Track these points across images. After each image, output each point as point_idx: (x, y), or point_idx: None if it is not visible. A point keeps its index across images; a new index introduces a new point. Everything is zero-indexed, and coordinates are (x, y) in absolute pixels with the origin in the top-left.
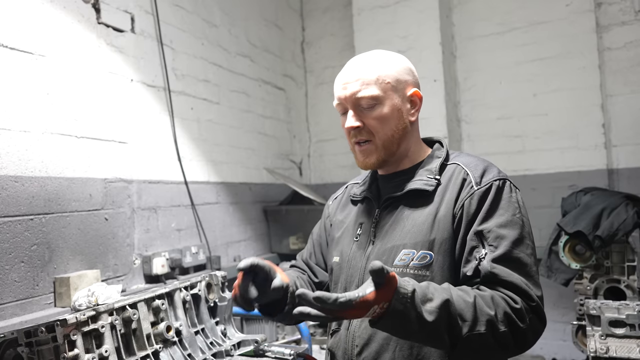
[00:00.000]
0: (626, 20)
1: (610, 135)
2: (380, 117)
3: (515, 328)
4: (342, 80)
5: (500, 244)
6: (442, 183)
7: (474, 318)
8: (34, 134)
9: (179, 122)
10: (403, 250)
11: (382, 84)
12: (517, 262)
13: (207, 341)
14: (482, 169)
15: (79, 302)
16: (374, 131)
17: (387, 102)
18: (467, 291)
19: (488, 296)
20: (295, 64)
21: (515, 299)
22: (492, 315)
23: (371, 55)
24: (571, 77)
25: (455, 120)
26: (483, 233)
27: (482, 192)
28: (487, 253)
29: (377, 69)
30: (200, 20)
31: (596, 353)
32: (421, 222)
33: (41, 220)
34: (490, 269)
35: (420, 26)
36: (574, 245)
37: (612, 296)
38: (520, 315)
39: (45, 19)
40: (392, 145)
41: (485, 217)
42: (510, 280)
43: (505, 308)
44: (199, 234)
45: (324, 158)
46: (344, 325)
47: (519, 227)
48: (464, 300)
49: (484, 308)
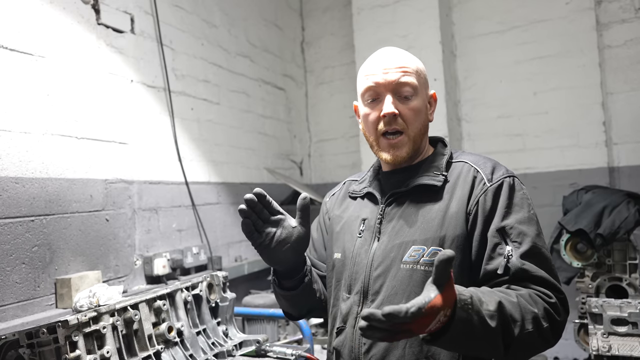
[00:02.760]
0: (626, 17)
1: (611, 133)
2: (416, 109)
3: (554, 322)
4: (382, 65)
5: (524, 240)
6: (450, 180)
7: (522, 318)
8: (34, 135)
9: (179, 123)
10: (413, 247)
11: (420, 76)
12: (540, 257)
13: (209, 341)
14: (491, 166)
15: (80, 303)
16: (409, 122)
17: (420, 96)
18: (507, 292)
19: (526, 294)
20: (295, 63)
21: (549, 294)
22: (536, 312)
23: (404, 50)
24: (571, 75)
25: (455, 119)
26: (505, 230)
27: (495, 188)
28: (512, 249)
29: (415, 62)
30: (199, 20)
31: (598, 351)
32: (431, 218)
33: (42, 222)
34: (520, 266)
35: (420, 25)
36: (575, 244)
37: (614, 294)
38: (556, 309)
39: (45, 20)
40: (419, 140)
41: (505, 214)
42: (540, 275)
43: (543, 304)
44: (200, 235)
45: (325, 158)
46: (350, 322)
47: (535, 223)
48: (510, 301)
49: (528, 306)
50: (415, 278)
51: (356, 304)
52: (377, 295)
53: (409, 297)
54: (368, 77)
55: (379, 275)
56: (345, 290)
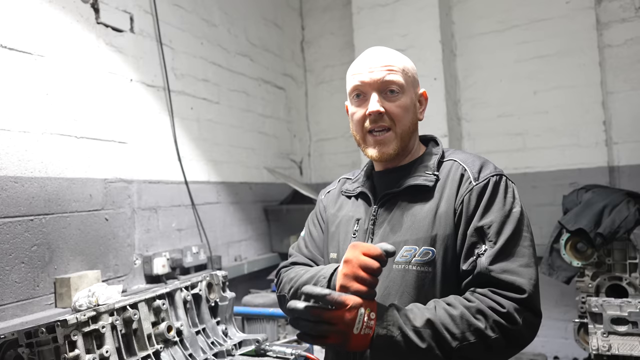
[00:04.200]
0: (626, 17)
1: (611, 133)
2: (403, 106)
3: (506, 331)
4: (368, 65)
5: (499, 238)
6: (440, 179)
7: (462, 330)
8: (33, 134)
9: (179, 122)
10: (404, 247)
11: (406, 75)
12: (515, 255)
13: (208, 341)
14: (479, 165)
15: (79, 303)
16: (396, 119)
17: (408, 94)
18: (453, 304)
19: (474, 308)
20: (295, 63)
21: (502, 304)
22: (479, 325)
23: (391, 49)
24: (571, 74)
25: (455, 118)
26: (483, 229)
27: (481, 187)
28: (486, 249)
29: (403, 61)
30: (199, 19)
31: (598, 351)
32: (422, 218)
33: (41, 221)
34: (486, 266)
35: (420, 24)
36: (575, 243)
37: (614, 294)
38: (509, 318)
39: (44, 19)
40: (407, 138)
41: (484, 213)
42: (502, 279)
43: (493, 316)
44: (200, 234)
45: (324, 157)
46: None
47: (516, 221)
48: (450, 315)
49: (471, 319)
50: (407, 278)
51: None
52: None
53: (402, 297)
54: (354, 77)
55: None
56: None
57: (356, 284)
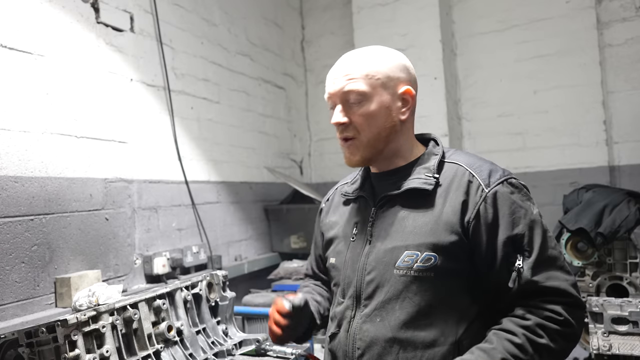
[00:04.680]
0: (627, 16)
1: (611, 132)
2: (366, 114)
3: (566, 335)
4: (332, 75)
5: (533, 247)
6: (442, 183)
7: (531, 355)
8: (33, 134)
9: (179, 122)
10: (406, 252)
11: (371, 80)
12: (551, 260)
13: (209, 341)
14: (487, 170)
15: (79, 303)
16: (360, 128)
17: (374, 99)
18: (514, 331)
19: (533, 324)
20: (295, 62)
21: (557, 311)
22: (544, 342)
23: (363, 51)
24: (572, 74)
25: (455, 118)
26: (514, 240)
27: (494, 193)
28: (523, 260)
29: (367, 65)
30: (199, 19)
31: (599, 350)
32: (423, 223)
33: (41, 221)
34: (530, 278)
35: (420, 24)
36: (575, 243)
37: (615, 293)
38: (566, 324)
39: (44, 18)
40: (378, 143)
41: (511, 223)
42: (549, 286)
43: (552, 327)
44: (200, 234)
45: (325, 157)
46: (344, 327)
47: (540, 224)
48: (515, 344)
49: (535, 340)
50: (409, 283)
51: (349, 309)
52: (371, 300)
53: (403, 302)
54: (325, 87)
55: (372, 279)
56: (340, 295)
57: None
